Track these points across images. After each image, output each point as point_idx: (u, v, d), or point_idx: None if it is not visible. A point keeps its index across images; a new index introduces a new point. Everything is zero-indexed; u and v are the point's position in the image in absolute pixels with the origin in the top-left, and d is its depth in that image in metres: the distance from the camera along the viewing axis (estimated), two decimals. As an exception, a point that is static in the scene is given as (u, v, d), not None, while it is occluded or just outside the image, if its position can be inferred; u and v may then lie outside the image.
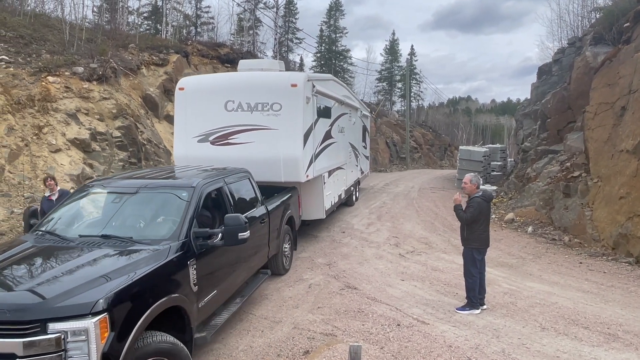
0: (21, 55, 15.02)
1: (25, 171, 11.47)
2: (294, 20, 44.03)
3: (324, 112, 9.78)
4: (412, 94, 53.45)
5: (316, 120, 8.92)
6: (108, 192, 5.27)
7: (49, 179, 8.17)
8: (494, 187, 16.95)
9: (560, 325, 5.72)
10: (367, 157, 18.47)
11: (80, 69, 15.10)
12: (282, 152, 8.09)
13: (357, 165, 15.19)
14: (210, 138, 8.45)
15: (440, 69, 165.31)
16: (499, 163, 22.14)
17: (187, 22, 34.33)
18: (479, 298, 6.18)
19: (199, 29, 35.15)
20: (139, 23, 32.01)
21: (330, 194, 10.52)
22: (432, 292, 6.99)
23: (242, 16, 38.27)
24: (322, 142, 9.55)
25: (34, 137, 12.31)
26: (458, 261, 8.36)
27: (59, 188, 7.77)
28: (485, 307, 6.22)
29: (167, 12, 31.53)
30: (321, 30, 48.12)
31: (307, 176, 8.40)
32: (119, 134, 14.40)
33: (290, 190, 8.35)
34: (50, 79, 13.97)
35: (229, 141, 8.35)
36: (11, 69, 13.78)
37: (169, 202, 4.92)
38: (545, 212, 11.75)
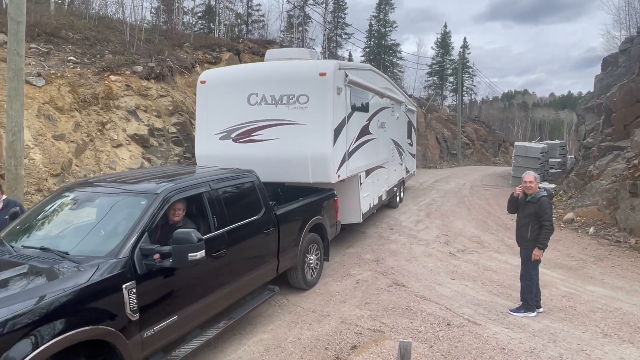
0: (87, 55, 16.02)
1: (90, 165, 12.25)
2: (342, 16, 43.92)
3: (360, 105, 8.95)
4: (464, 88, 51.78)
5: (350, 114, 8.11)
6: (70, 198, 4.75)
7: None
8: (552, 185, 16.14)
9: (624, 333, 5.38)
10: (413, 155, 17.42)
11: (139, 68, 15.89)
12: (309, 149, 7.24)
13: (401, 164, 14.17)
14: (233, 135, 7.71)
15: (494, 62, 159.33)
16: (558, 160, 21.04)
17: (239, 21, 35.14)
18: (535, 300, 5.93)
19: (249, 27, 35.88)
20: (194, 23, 33.12)
21: (368, 196, 9.65)
22: (484, 292, 6.79)
23: (291, 13, 38.67)
24: (358, 138, 8.69)
25: (98, 133, 13.12)
26: (512, 261, 8.09)
27: (4, 197, 6.23)
28: (541, 310, 5.97)
29: (220, 11, 32.42)
30: (370, 25, 47.63)
31: (339, 176, 7.55)
32: (175, 130, 15.05)
33: (320, 192, 7.52)
34: (113, 77, 14.80)
35: (252, 138, 7.58)
36: (78, 69, 14.74)
37: (124, 211, 4.27)
38: (609, 212, 11.05)
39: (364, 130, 9.19)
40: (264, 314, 5.95)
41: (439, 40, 54.09)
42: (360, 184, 8.93)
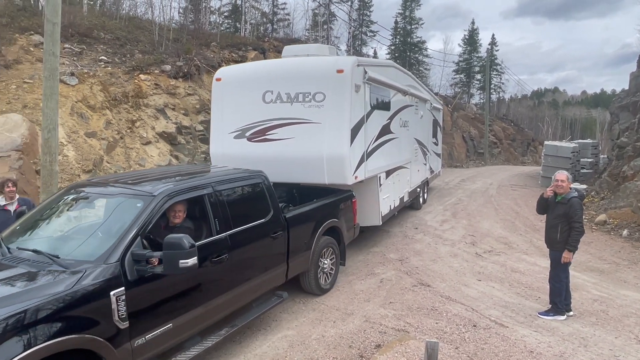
0: (117, 55, 16.44)
1: (120, 162, 12.58)
2: (368, 13, 43.68)
3: (381, 103, 8.59)
4: (492, 85, 50.78)
5: (369, 113, 7.81)
6: (72, 199, 4.63)
7: (9, 183, 6.20)
8: (584, 186, 15.66)
9: (660, 339, 5.19)
10: (438, 155, 16.93)
11: (168, 67, 16.23)
12: (325, 149, 6.96)
13: (425, 164, 13.71)
14: (247, 134, 7.49)
15: (524, 59, 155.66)
16: (589, 160, 20.39)
17: (264, 20, 35.41)
18: (565, 304, 5.78)
19: (275, 26, 36.11)
20: (220, 22, 33.56)
21: (389, 197, 9.28)
22: (511, 294, 6.66)
23: (316, 11, 38.69)
24: (378, 137, 8.36)
25: (128, 131, 13.47)
26: (541, 263, 7.91)
27: (18, 197, 6.19)
28: (571, 313, 5.81)
29: (246, 10, 32.76)
30: (396, 22, 47.23)
31: (356, 177, 7.27)
32: (202, 128, 15.31)
33: (337, 193, 7.23)
34: (142, 76, 15.16)
35: (267, 137, 7.35)
36: (109, 68, 15.16)
37: (120, 213, 4.13)
38: (645, 214, 10.66)
39: (385, 130, 8.88)
40: (288, 311, 5.99)
41: (466, 37, 53.16)
42: (380, 185, 8.60)
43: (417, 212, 12.92)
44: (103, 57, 15.73)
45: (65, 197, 4.66)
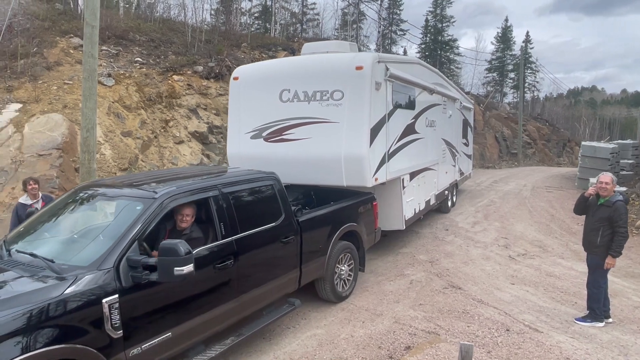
0: (152, 56, 16.89)
1: (154, 160, 12.93)
2: (398, 12, 43.35)
3: (405, 102, 8.20)
4: (526, 84, 49.44)
5: (391, 112, 7.44)
6: (77, 200, 4.53)
7: (31, 181, 6.38)
8: (624, 188, 15.05)
9: None
10: (468, 156, 16.24)
11: (200, 68, 16.56)
12: (343, 150, 6.64)
13: (454, 165, 13.10)
14: (264, 134, 7.27)
15: (560, 57, 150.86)
16: (630, 161, 19.53)
17: (294, 20, 35.65)
18: (604, 310, 5.58)
19: (304, 26, 36.32)
20: (250, 23, 34.00)
21: (413, 201, 8.84)
22: (546, 298, 6.47)
23: (346, 11, 38.71)
24: (401, 138, 8.00)
25: (162, 130, 13.83)
26: (578, 268, 7.65)
27: (41, 194, 6.40)
28: (610, 320, 5.60)
29: (276, 11, 33.05)
30: (426, 20, 46.65)
31: (376, 180, 6.92)
32: (232, 128, 15.55)
33: (357, 196, 6.93)
34: (175, 77, 15.53)
35: (283, 137, 7.09)
36: (144, 69, 15.59)
37: (120, 216, 3.99)
38: (691, 218, 10.15)
39: (409, 129, 8.50)
40: (317, 310, 6.02)
41: (499, 34, 51.96)
42: (404, 187, 8.19)
43: (448, 213, 12.70)
44: (138, 59, 16.19)
45: (72, 199, 4.56)
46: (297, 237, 5.33)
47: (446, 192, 12.19)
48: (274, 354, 4.90)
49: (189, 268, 3.42)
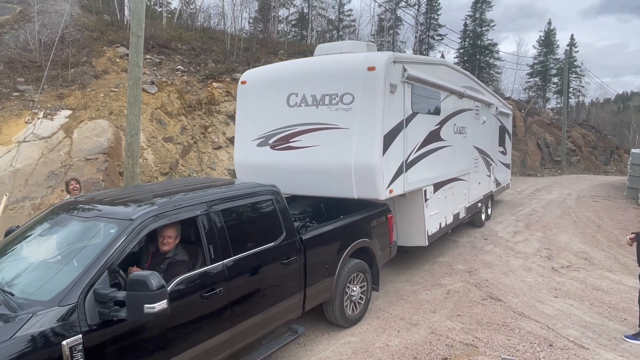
0: (192, 64, 17.41)
1: (194, 165, 13.28)
2: (435, 17, 42.77)
3: (427, 106, 7.53)
4: (570, 89, 47.59)
5: (410, 117, 6.75)
6: (50, 221, 3.98)
7: (72, 182, 6.61)
8: (679, 199, 14.17)
9: None
10: (506, 165, 15.17)
11: (238, 75, 16.85)
12: (353, 158, 6.00)
13: (489, 175, 12.08)
14: (270, 141, 6.75)
15: (607, 60, 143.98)
16: (685, 170, 18.40)
17: (330, 27, 35.86)
18: (657, 328, 5.26)
19: (340, 32, 36.43)
20: (287, 30, 34.49)
21: (438, 214, 8.02)
22: (592, 314, 6.16)
23: (382, 16, 38.56)
24: (423, 145, 7.28)
25: (201, 136, 14.20)
26: (627, 282, 7.27)
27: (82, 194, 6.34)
28: (664, 339, 5.27)
29: (312, 18, 33.36)
30: (465, 25, 45.73)
31: (391, 191, 6.24)
32: (268, 134, 15.78)
33: (370, 208, 6.29)
34: (215, 84, 15.93)
35: (290, 145, 6.55)
36: (185, 77, 16.09)
37: (91, 241, 3.47)
38: None
39: (433, 136, 7.77)
40: (351, 317, 5.95)
41: (542, 38, 50.29)
42: (426, 200, 7.42)
43: (487, 221, 12.33)
44: (180, 67, 16.73)
45: (47, 219, 4.04)
46: (300, 257, 4.74)
47: (479, 204, 11.28)
48: (307, 358, 4.90)
49: (161, 305, 2.88)
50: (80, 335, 2.85)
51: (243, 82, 7.28)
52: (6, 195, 9.28)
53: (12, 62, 14.30)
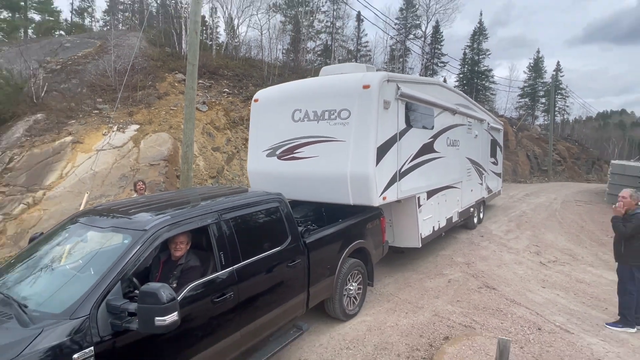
0: (236, 88, 17.67)
1: (236, 170, 13.44)
2: (439, 47, 42.18)
3: (420, 121, 7.13)
4: (556, 108, 46.11)
5: (404, 130, 6.41)
6: (69, 231, 3.53)
7: (139, 182, 6.59)
8: (654, 204, 13.50)
9: None
10: (498, 174, 14.27)
11: (273, 96, 17.06)
12: (349, 168, 5.69)
13: (481, 183, 11.51)
14: (278, 152, 6.52)
15: (590, 83, 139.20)
16: (660, 179, 17.54)
17: (349, 56, 35.84)
18: (636, 317, 5.02)
19: (358, 61, 36.31)
20: (314, 59, 34.59)
21: (431, 219, 7.60)
22: (577, 303, 5.93)
23: (393, 47, 38.34)
24: (416, 156, 6.91)
25: (242, 146, 14.35)
26: (608, 276, 6.98)
27: (147, 194, 6.31)
28: (642, 327, 5.03)
29: (335, 49, 33.43)
30: (464, 53, 44.92)
31: (384, 198, 5.90)
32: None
33: (364, 213, 5.93)
34: (254, 104, 16.11)
35: (294, 155, 6.30)
36: (230, 98, 16.33)
37: (105, 252, 3.08)
38: None
39: (426, 148, 7.37)
40: (366, 300, 5.90)
41: (532, 64, 48.94)
42: (420, 206, 7.05)
43: (483, 221, 12.03)
44: (226, 90, 17.01)
45: (66, 228, 3.61)
46: (304, 259, 4.41)
47: (472, 209, 10.72)
48: (329, 334, 4.89)
49: (172, 317, 2.52)
50: (92, 348, 2.48)
51: (255, 100, 7.05)
52: (87, 193, 9.61)
53: (93, 86, 14.84)
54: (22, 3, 27.10)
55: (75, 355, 2.39)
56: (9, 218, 9.54)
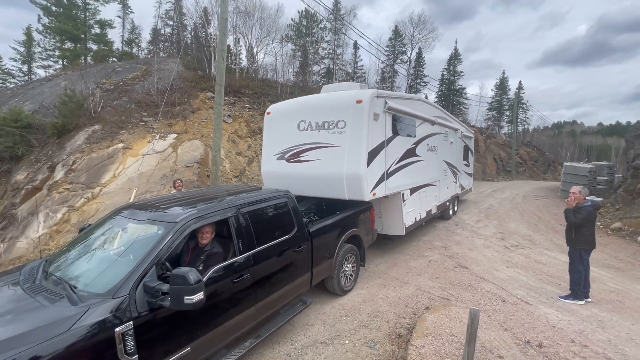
0: (255, 103, 17.67)
1: (255, 170, 13.45)
2: (421, 69, 41.89)
3: (405, 130, 7.04)
4: (518, 119, 45.58)
5: (390, 138, 6.34)
6: (112, 223, 3.45)
7: (178, 181, 6.50)
8: (600, 199, 13.33)
9: (676, 330, 4.22)
10: (469, 174, 14.24)
11: (285, 110, 17.02)
12: (345, 169, 5.66)
13: (455, 182, 11.35)
14: (286, 156, 6.48)
15: (547, 98, 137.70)
16: (605, 178, 17.30)
17: (348, 77, 35.69)
18: (584, 291, 4.97)
19: (355, 81, 36.12)
20: (318, 80, 34.49)
21: (414, 211, 7.53)
22: (535, 280, 5.87)
23: (384, 70, 38.15)
24: (401, 160, 6.84)
25: (260, 151, 14.35)
26: (561, 258, 6.90)
27: (184, 190, 6.16)
28: (589, 300, 4.97)
29: (336, 71, 33.28)
30: (442, 75, 44.52)
31: (374, 194, 5.84)
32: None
33: (358, 206, 5.90)
34: (270, 117, 16.06)
35: (300, 158, 6.28)
36: (250, 112, 16.33)
37: (142, 240, 3.03)
38: (659, 224, 8.76)
39: (409, 153, 7.26)
40: (361, 277, 5.90)
41: (498, 83, 48.47)
42: (404, 200, 6.98)
43: (458, 213, 11.93)
44: (247, 105, 17.01)
45: (109, 220, 3.54)
46: (308, 245, 4.39)
47: (447, 203, 10.56)
48: (331, 304, 4.89)
49: (198, 296, 2.52)
50: (131, 322, 2.48)
51: (268, 113, 6.96)
52: (135, 189, 9.66)
53: (140, 103, 14.91)
54: (82, 36, 27.32)
55: (117, 329, 2.39)
56: (73, 210, 9.64)
